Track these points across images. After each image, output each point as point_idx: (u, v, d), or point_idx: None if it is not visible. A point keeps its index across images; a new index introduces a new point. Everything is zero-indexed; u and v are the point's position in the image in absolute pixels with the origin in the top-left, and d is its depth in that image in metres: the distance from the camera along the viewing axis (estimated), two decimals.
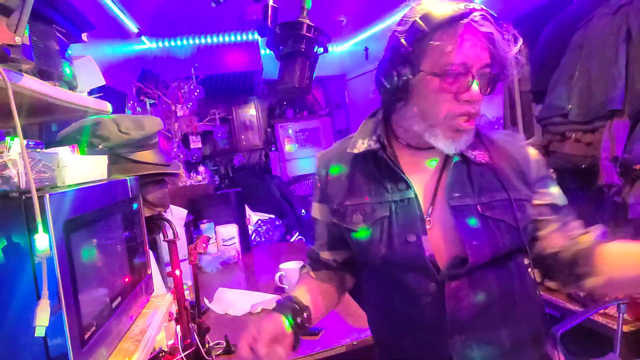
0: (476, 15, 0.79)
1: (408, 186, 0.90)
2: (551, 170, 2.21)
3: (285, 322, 0.88)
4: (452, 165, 0.90)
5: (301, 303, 0.95)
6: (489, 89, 0.85)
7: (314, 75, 1.08)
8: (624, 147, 1.68)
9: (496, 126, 4.06)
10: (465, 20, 0.79)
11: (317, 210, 1.05)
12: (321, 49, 0.96)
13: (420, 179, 0.92)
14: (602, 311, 1.77)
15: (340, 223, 0.97)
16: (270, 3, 0.85)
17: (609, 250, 0.85)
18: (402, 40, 0.81)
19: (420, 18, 0.80)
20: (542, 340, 0.94)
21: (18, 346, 0.67)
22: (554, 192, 0.94)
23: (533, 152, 0.95)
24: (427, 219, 0.89)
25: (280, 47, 0.88)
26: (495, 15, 0.82)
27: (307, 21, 0.84)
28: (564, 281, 0.92)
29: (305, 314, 0.93)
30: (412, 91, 0.85)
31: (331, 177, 0.99)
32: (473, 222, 0.86)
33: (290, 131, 5.93)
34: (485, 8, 0.81)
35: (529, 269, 0.94)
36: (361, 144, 0.94)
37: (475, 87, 0.81)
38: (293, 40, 0.85)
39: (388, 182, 0.91)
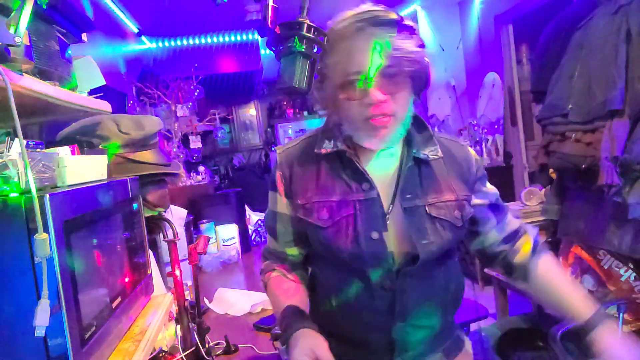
0: (361, 25, 0.85)
1: (372, 187, 0.95)
2: (551, 170, 2.21)
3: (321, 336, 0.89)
4: (405, 168, 0.96)
5: (306, 313, 0.98)
6: (393, 87, 0.88)
7: (314, 75, 1.08)
8: (624, 147, 1.68)
9: (496, 126, 4.06)
10: (352, 32, 0.86)
11: (283, 205, 1.04)
12: (323, 52, 0.96)
13: (382, 178, 0.97)
14: None
15: (306, 219, 0.99)
16: (270, 3, 0.85)
17: (540, 272, 1.03)
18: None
19: (323, 37, 0.87)
20: (454, 324, 1.11)
21: (18, 346, 0.67)
22: (491, 191, 1.07)
23: (473, 153, 1.06)
24: (387, 217, 0.95)
25: (280, 47, 0.88)
26: (389, 15, 0.87)
27: (307, 21, 0.84)
28: (501, 273, 1.11)
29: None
30: (333, 102, 0.93)
31: (297, 174, 1.01)
32: (422, 222, 0.94)
33: (290, 131, 5.93)
34: (377, 10, 0.87)
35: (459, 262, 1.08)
36: (328, 144, 0.98)
37: (373, 90, 0.86)
38: (293, 40, 0.85)
39: (352, 182, 0.96)
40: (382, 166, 0.99)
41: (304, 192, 0.99)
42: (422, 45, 0.90)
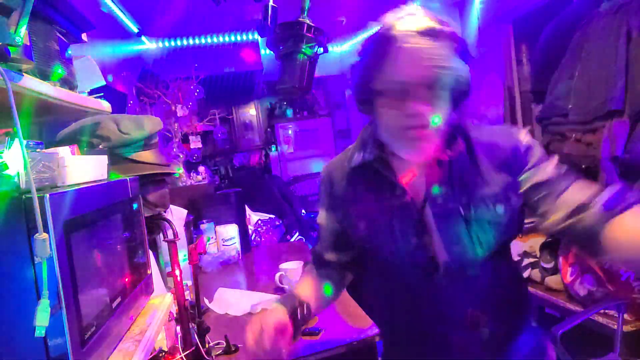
0: (409, 35, 0.83)
1: (404, 192, 0.95)
2: None
3: (285, 315, 0.94)
4: (433, 172, 0.94)
5: (301, 299, 1.02)
6: (436, 99, 0.86)
7: (314, 75, 1.08)
8: (624, 147, 1.68)
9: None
10: (398, 42, 0.83)
11: (323, 217, 1.11)
12: (321, 49, 0.96)
13: (413, 183, 0.96)
14: (602, 311, 1.78)
15: (347, 230, 1.04)
16: (270, 3, 0.85)
17: (617, 229, 0.81)
18: (360, 60, 0.88)
19: (366, 42, 0.87)
20: (534, 330, 1.03)
21: (18, 346, 0.67)
22: (546, 170, 0.92)
23: (524, 138, 0.95)
24: (423, 221, 0.95)
25: (280, 47, 0.88)
26: (437, 24, 0.86)
27: (307, 21, 0.84)
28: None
29: (305, 310, 1.00)
30: (374, 109, 0.92)
31: (335, 189, 1.05)
32: (456, 226, 0.91)
33: (290, 131, 5.93)
34: (423, 23, 0.85)
35: (518, 264, 1.01)
36: (358, 157, 0.99)
37: (415, 102, 0.84)
38: (293, 40, 0.85)
39: (385, 190, 0.97)
40: (413, 170, 0.97)
41: (342, 205, 1.04)
42: (469, 59, 0.90)
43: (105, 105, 1.25)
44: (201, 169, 3.70)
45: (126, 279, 1.00)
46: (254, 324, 0.91)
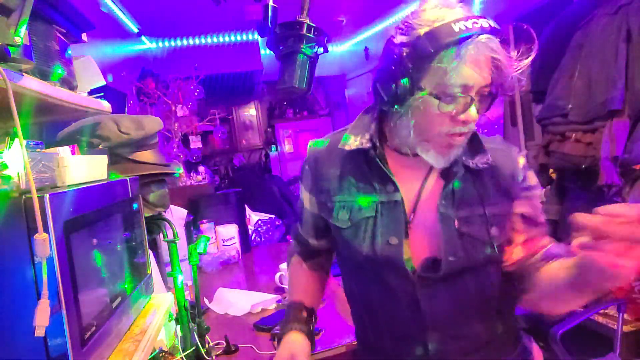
0: (482, 37, 0.75)
1: (396, 189, 0.91)
2: (551, 170, 2.21)
3: (307, 341, 0.98)
4: (440, 175, 0.91)
5: (307, 307, 1.04)
6: (486, 108, 0.84)
7: (314, 75, 1.08)
8: (624, 147, 1.68)
9: (496, 126, 4.06)
10: (470, 43, 0.74)
11: (307, 200, 1.05)
12: (321, 49, 0.96)
13: (406, 182, 0.93)
14: (602, 311, 1.78)
15: (326, 218, 0.99)
16: (270, 3, 0.85)
17: (549, 267, 0.87)
18: (404, 55, 0.78)
19: (424, 35, 0.76)
20: (519, 334, 1.00)
21: (18, 346, 0.67)
22: (534, 202, 0.93)
23: (521, 161, 0.95)
24: (409, 223, 0.91)
25: (280, 47, 0.88)
26: (499, 29, 0.78)
27: (307, 21, 0.84)
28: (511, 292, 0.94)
29: (313, 317, 1.04)
30: (410, 105, 0.83)
31: (321, 170, 0.99)
32: (451, 235, 0.88)
33: (290, 131, 5.93)
34: (492, 25, 0.77)
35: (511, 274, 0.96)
36: (353, 141, 0.93)
37: (473, 109, 0.79)
38: (293, 40, 0.85)
39: (376, 183, 0.92)
40: (409, 169, 0.93)
41: (326, 189, 0.97)
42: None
43: (105, 105, 1.25)
44: (201, 169, 3.70)
45: (126, 279, 1.00)
46: (283, 354, 0.95)
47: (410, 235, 0.90)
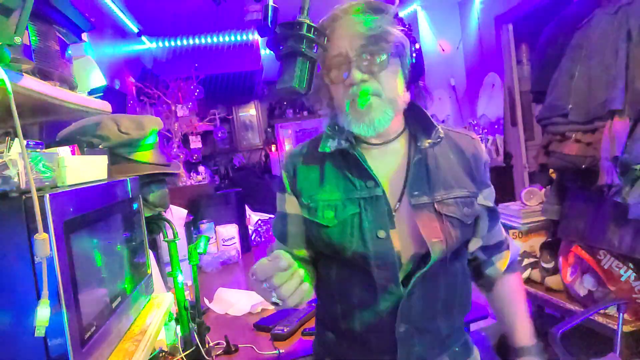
0: (340, 14, 0.90)
1: (376, 184, 0.93)
2: (551, 170, 2.21)
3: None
4: (413, 163, 0.95)
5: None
6: (374, 67, 0.88)
7: (314, 75, 1.08)
8: (624, 147, 1.68)
9: (496, 126, 4.06)
10: (332, 20, 0.90)
11: (290, 205, 1.03)
12: (321, 49, 0.96)
13: (387, 175, 0.96)
14: (602, 311, 1.78)
15: (311, 218, 0.98)
16: (270, 3, 0.85)
17: (504, 290, 1.10)
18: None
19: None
20: (463, 327, 1.09)
21: (18, 346, 0.67)
22: (491, 194, 1.04)
23: (482, 149, 1.04)
24: (394, 215, 0.94)
25: (280, 47, 0.88)
26: (368, 2, 0.90)
27: (307, 21, 0.84)
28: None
29: (310, 270, 1.01)
30: (326, 92, 0.95)
31: (301, 174, 1.01)
32: (431, 219, 0.92)
33: (290, 131, 5.93)
34: (354, 3, 0.90)
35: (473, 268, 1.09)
36: (332, 143, 0.97)
37: (354, 70, 0.87)
38: (293, 41, 0.85)
39: (357, 180, 0.95)
40: (388, 163, 0.97)
41: (308, 191, 0.99)
42: (406, 30, 0.91)
43: (105, 105, 1.25)
44: (201, 169, 3.70)
45: (126, 279, 1.00)
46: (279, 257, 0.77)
47: (397, 226, 0.93)
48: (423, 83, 0.99)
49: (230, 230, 2.69)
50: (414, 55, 0.92)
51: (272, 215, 3.55)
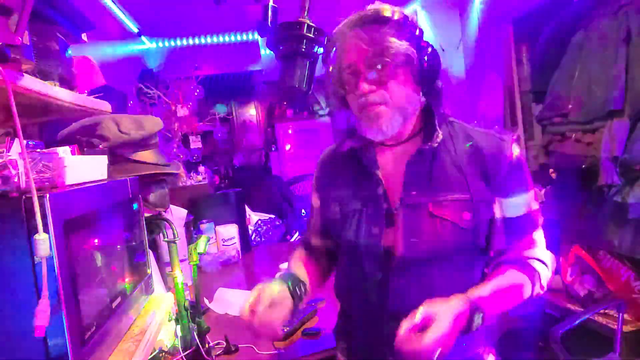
0: (350, 26, 0.94)
1: (378, 183, 0.99)
2: (551, 170, 2.21)
3: (285, 288, 1.00)
4: (411, 162, 0.97)
5: (299, 277, 1.07)
6: (382, 77, 0.92)
7: (314, 75, 1.08)
8: (624, 147, 1.68)
9: (496, 126, 4.06)
10: (346, 33, 0.94)
11: (314, 199, 1.17)
12: (321, 49, 0.96)
13: (394, 174, 1.00)
14: (602, 311, 1.78)
15: (322, 211, 1.11)
16: (270, 3, 0.85)
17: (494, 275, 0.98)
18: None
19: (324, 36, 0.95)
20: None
21: (18, 346, 0.67)
22: (512, 206, 0.96)
23: (513, 150, 0.96)
24: (395, 213, 0.97)
25: (280, 47, 0.88)
26: (378, 13, 0.93)
27: (307, 21, 0.84)
28: None
29: (303, 287, 1.05)
30: (340, 99, 1.02)
31: (324, 173, 1.14)
32: (420, 220, 0.94)
33: (290, 131, 5.93)
34: (367, 10, 0.94)
35: (484, 267, 1.03)
36: (346, 144, 1.06)
37: (362, 82, 0.92)
38: (293, 40, 0.85)
39: (362, 178, 1.02)
40: (396, 162, 1.01)
41: (324, 187, 1.11)
42: (414, 37, 0.94)
43: (105, 105, 1.25)
44: (201, 169, 3.70)
45: (126, 279, 1.00)
46: (253, 293, 0.96)
47: (396, 224, 0.96)
48: (440, 85, 1.00)
49: (230, 230, 2.68)
50: (426, 59, 0.94)
51: (272, 216, 3.56)
